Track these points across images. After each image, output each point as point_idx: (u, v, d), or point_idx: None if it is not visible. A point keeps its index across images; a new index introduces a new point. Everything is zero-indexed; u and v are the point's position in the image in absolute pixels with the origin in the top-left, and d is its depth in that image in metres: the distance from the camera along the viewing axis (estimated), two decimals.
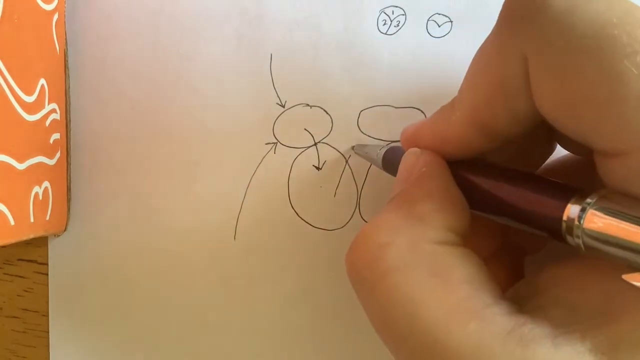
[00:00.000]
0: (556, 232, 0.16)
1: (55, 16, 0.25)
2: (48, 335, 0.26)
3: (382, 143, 0.24)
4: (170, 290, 0.26)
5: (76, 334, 0.26)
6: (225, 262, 0.26)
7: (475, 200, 0.18)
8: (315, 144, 0.25)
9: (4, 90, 0.20)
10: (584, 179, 0.18)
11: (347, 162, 0.25)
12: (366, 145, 0.25)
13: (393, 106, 0.25)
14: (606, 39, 0.14)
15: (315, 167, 0.25)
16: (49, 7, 0.24)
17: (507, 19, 0.16)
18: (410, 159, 0.19)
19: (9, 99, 0.21)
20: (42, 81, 0.23)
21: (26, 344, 0.26)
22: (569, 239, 0.15)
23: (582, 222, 0.15)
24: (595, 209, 0.15)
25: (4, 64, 0.20)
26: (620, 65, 0.14)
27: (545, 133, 0.20)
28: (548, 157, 0.21)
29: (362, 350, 0.25)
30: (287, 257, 0.25)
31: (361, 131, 0.25)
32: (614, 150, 0.14)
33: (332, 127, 0.25)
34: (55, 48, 0.25)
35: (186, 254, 0.26)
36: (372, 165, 0.25)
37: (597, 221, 0.15)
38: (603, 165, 0.15)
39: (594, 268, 0.16)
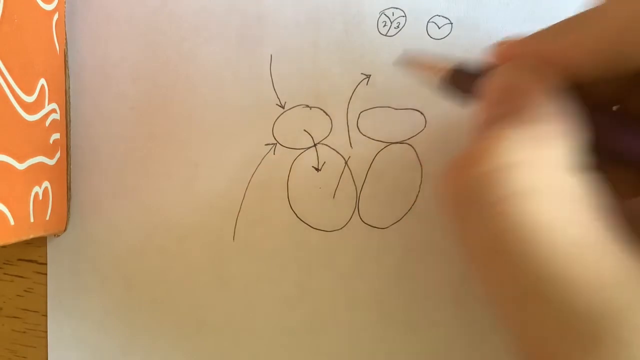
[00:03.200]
0: None
1: (55, 16, 0.25)
2: None
3: (442, 56, 0.21)
4: (169, 291, 0.26)
5: (75, 334, 0.26)
6: (224, 263, 0.26)
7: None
8: (315, 145, 0.25)
9: (4, 90, 0.20)
10: None
11: (346, 163, 0.25)
12: (420, 55, 0.21)
13: (393, 107, 0.25)
14: None
15: (315, 168, 0.25)
16: (49, 7, 0.24)
17: None
18: (514, 75, 0.17)
19: (9, 99, 0.21)
20: (42, 81, 0.23)
21: (26, 344, 0.26)
22: None
23: None
24: None
25: (4, 64, 0.20)
26: None
27: None
28: None
29: (360, 350, 0.25)
30: (286, 258, 0.25)
31: (361, 132, 0.25)
32: None
33: (331, 129, 0.25)
34: (55, 48, 0.25)
35: (185, 254, 0.26)
36: (371, 167, 0.25)
37: None
38: None
39: None
